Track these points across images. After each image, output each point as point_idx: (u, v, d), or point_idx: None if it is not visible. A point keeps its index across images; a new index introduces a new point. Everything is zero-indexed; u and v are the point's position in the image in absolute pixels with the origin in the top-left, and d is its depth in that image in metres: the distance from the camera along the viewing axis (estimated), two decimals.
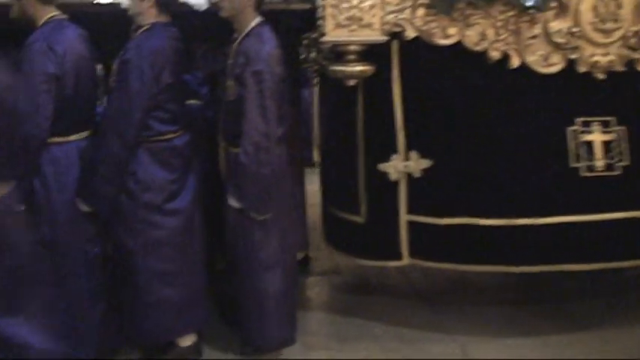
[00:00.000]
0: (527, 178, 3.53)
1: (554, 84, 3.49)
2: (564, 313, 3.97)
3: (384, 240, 3.71)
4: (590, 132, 3.53)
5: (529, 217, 3.52)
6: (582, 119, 3.53)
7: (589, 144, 3.53)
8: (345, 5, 3.25)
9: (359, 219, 3.73)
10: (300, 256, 4.21)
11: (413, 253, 3.66)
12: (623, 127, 3.55)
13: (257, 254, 3.32)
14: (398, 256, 3.68)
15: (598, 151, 3.53)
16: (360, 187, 3.68)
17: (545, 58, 3.46)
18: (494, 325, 3.86)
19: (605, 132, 3.54)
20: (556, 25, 3.44)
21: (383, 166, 3.59)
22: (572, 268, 3.61)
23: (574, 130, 3.52)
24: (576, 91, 3.53)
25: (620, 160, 3.55)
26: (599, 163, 3.54)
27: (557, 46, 3.45)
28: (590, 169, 3.53)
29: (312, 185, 4.35)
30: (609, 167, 3.55)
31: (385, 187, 3.60)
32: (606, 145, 3.54)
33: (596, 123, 3.54)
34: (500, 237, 3.55)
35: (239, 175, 3.24)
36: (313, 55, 3.98)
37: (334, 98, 3.83)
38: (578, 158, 3.53)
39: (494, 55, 3.42)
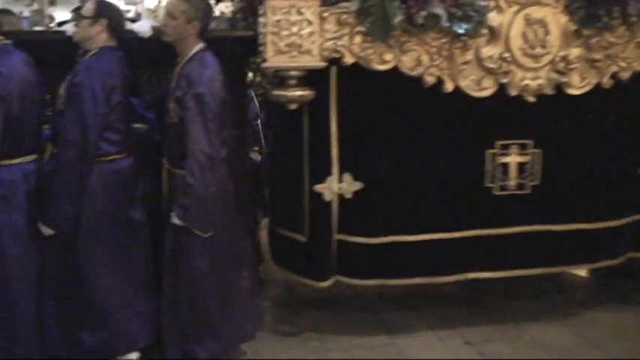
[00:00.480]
0: (448, 196, 3.77)
1: (480, 109, 3.66)
2: (489, 310, 4.25)
3: (320, 259, 3.81)
4: (508, 154, 3.79)
5: (447, 231, 3.80)
6: (502, 142, 3.77)
7: (505, 165, 3.80)
8: (285, 32, 3.36)
9: (302, 238, 3.82)
10: None
11: (341, 272, 3.81)
12: (538, 150, 3.81)
13: (196, 271, 3.38)
14: (328, 276, 3.81)
15: (512, 171, 3.81)
16: (304, 207, 3.78)
17: (478, 82, 3.63)
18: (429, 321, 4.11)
19: (521, 154, 3.80)
20: (487, 50, 3.61)
21: (319, 187, 3.71)
22: (485, 276, 3.92)
23: (493, 153, 3.78)
24: (499, 115, 3.72)
25: (532, 180, 3.83)
26: (512, 182, 3.81)
27: (489, 71, 3.63)
28: (503, 188, 3.82)
29: None
30: (520, 186, 3.82)
31: (322, 207, 3.73)
32: (521, 166, 3.80)
33: (514, 146, 3.79)
34: (422, 251, 3.79)
35: (186, 195, 3.30)
36: (259, 79, 4.08)
37: (281, 120, 3.94)
38: (493, 179, 3.81)
39: (429, 80, 3.57)
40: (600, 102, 3.81)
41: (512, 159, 3.80)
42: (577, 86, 3.73)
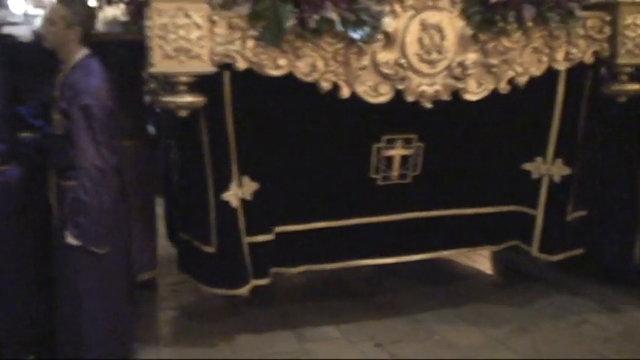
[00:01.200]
0: (336, 188, 3.95)
1: (368, 106, 3.62)
2: (385, 304, 4.42)
3: (232, 268, 3.75)
4: (393, 148, 3.95)
5: (336, 219, 4.00)
6: (387, 137, 3.89)
7: (389, 158, 3.97)
8: (172, 36, 3.21)
9: (210, 249, 3.74)
10: (146, 277, 4.28)
11: (255, 275, 3.81)
12: (422, 144, 3.95)
13: (84, 285, 3.24)
14: (245, 282, 3.76)
15: (396, 164, 3.96)
16: (211, 217, 3.69)
17: (375, 88, 3.58)
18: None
19: (405, 147, 3.95)
20: (384, 56, 3.55)
21: (226, 195, 3.63)
22: (376, 262, 4.18)
23: (378, 147, 3.92)
24: (387, 113, 3.71)
25: (414, 171, 4.05)
26: (395, 173, 3.97)
27: (386, 77, 3.57)
28: (386, 178, 4.00)
29: None
30: (402, 177, 3.99)
31: (229, 214, 3.67)
32: (404, 158, 3.95)
33: (400, 140, 3.92)
34: (313, 239, 3.98)
35: (80, 213, 3.15)
36: (153, 85, 3.95)
37: (180, 128, 3.83)
38: (377, 170, 3.98)
39: (325, 85, 3.49)
40: (489, 103, 3.82)
41: (397, 152, 3.96)
42: (474, 92, 3.71)
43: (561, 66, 3.87)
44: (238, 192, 3.66)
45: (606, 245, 4.58)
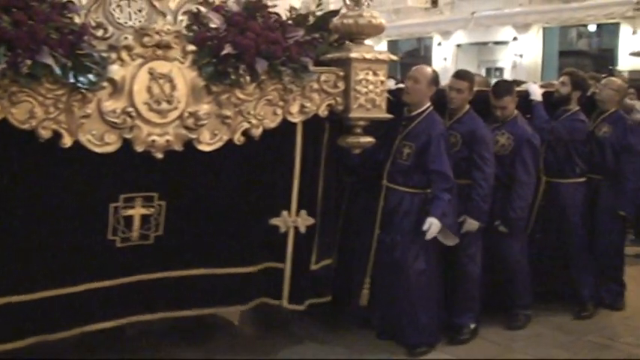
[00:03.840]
0: (73, 252, 3.62)
1: (104, 163, 3.48)
2: None
3: None
4: (132, 207, 3.73)
5: (71, 286, 3.67)
6: (126, 195, 3.69)
7: (129, 218, 3.74)
8: None
9: None
10: None
11: None
12: (163, 202, 3.80)
13: None
14: None
15: (136, 224, 3.76)
16: None
17: (100, 137, 3.42)
18: None
19: (146, 206, 3.76)
20: (110, 104, 3.42)
21: None
22: (104, 326, 3.84)
23: (115, 207, 3.68)
24: (123, 169, 3.58)
25: (156, 231, 3.82)
26: (135, 234, 3.76)
27: (113, 126, 3.44)
28: (126, 240, 3.77)
29: None
30: (143, 237, 3.80)
31: None
32: (145, 218, 3.76)
33: (139, 199, 3.73)
34: (43, 308, 3.59)
35: None
36: None
37: None
38: (115, 231, 3.73)
39: (44, 133, 3.28)
40: (229, 156, 3.83)
41: (136, 211, 3.75)
42: (207, 142, 3.68)
43: (296, 118, 3.96)
44: None
45: (353, 292, 4.70)
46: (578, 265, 5.23)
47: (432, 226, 4.28)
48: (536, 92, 5.18)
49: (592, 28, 15.95)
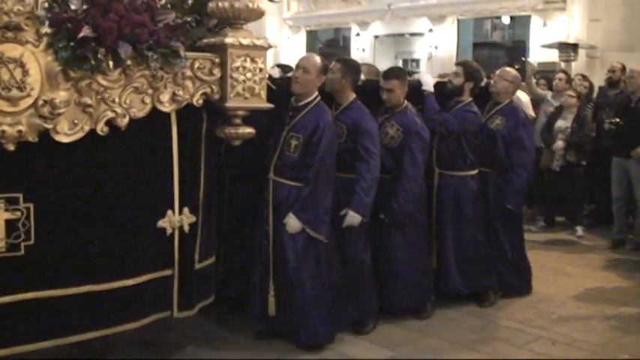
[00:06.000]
0: None
1: None
2: None
3: None
4: None
5: None
6: None
7: None
8: None
9: None
10: None
11: None
12: (30, 205, 3.37)
13: None
14: None
15: (1, 231, 3.29)
16: None
17: None
18: None
19: (10, 210, 3.32)
20: None
21: None
22: None
23: None
24: None
25: (27, 240, 3.37)
26: (1, 243, 3.30)
27: None
28: None
29: None
30: (13, 248, 3.33)
31: None
32: (10, 224, 3.32)
33: (1, 201, 3.30)
34: None
35: None
36: None
37: None
38: None
39: None
40: (98, 150, 3.52)
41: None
42: (65, 133, 3.38)
43: (168, 108, 3.70)
44: None
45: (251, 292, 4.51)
46: (474, 257, 5.19)
47: (290, 219, 4.24)
48: (428, 82, 5.10)
49: (506, 20, 16.16)
